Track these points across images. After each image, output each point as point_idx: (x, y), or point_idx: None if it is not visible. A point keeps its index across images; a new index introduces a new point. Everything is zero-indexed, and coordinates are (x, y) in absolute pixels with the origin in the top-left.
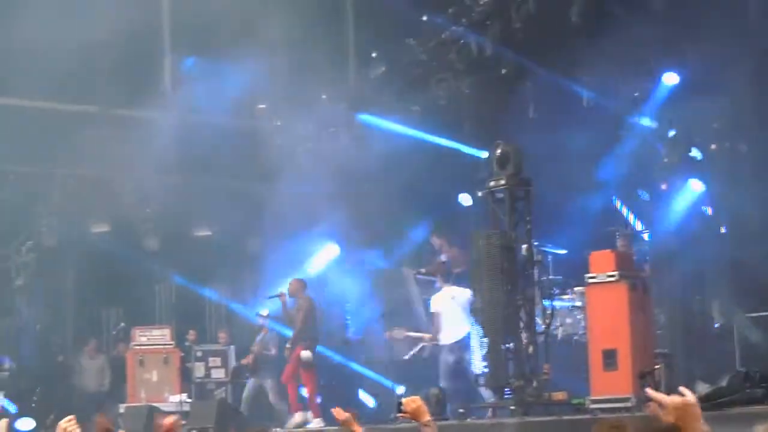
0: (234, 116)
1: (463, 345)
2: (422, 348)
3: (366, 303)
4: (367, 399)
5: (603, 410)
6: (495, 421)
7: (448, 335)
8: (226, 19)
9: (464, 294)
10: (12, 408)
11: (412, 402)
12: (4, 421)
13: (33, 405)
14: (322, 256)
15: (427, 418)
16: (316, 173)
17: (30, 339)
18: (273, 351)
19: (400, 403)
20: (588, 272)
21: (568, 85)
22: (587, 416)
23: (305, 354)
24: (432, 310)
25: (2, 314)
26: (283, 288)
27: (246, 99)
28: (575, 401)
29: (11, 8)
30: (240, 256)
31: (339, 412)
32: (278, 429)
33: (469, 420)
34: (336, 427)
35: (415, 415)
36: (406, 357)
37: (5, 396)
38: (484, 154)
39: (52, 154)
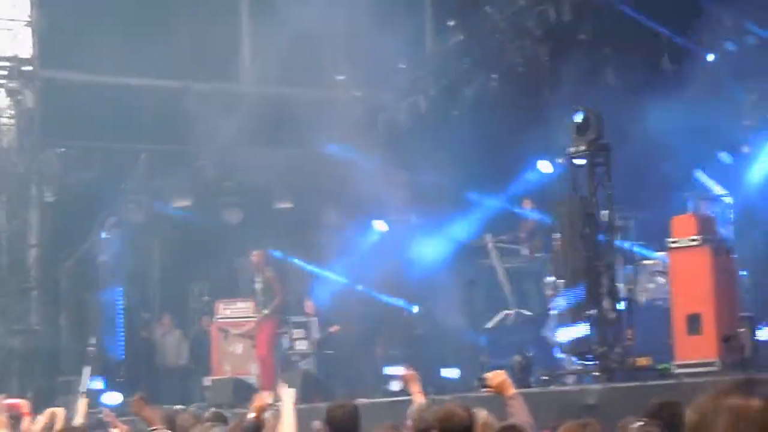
0: (313, 87)
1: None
2: (505, 316)
3: (448, 272)
4: (451, 372)
5: (688, 375)
6: (579, 387)
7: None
8: None
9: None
10: (100, 384)
11: (497, 376)
12: (84, 402)
13: (119, 380)
14: (401, 226)
15: (513, 391)
16: (394, 143)
17: (115, 315)
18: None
19: (484, 378)
20: (670, 237)
21: (648, 50)
22: (672, 381)
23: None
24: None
25: (87, 290)
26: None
27: (325, 70)
28: (660, 366)
29: None
30: (320, 228)
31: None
32: (363, 399)
33: (552, 387)
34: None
35: (500, 389)
36: (489, 325)
37: (92, 373)
38: (564, 121)
39: (136, 131)
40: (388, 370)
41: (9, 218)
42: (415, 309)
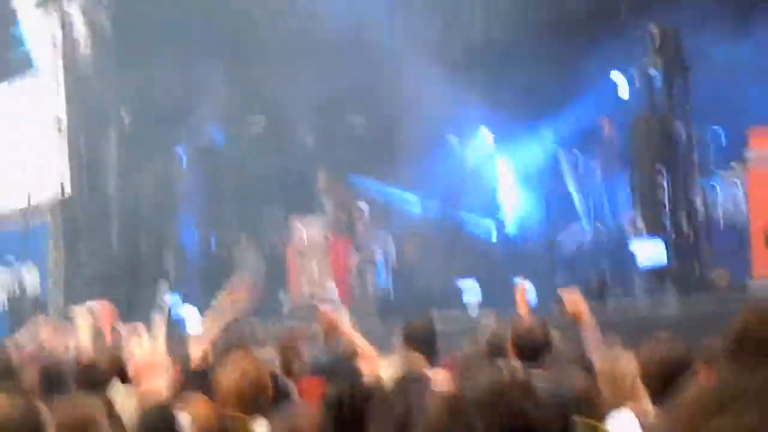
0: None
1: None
2: (580, 231)
3: (522, 188)
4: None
5: (766, 290)
6: (656, 302)
7: None
8: None
9: None
10: (177, 300)
11: (575, 304)
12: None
13: (198, 300)
14: (479, 145)
15: (588, 320)
16: (466, 57)
17: (191, 235)
18: None
19: (560, 300)
20: (747, 150)
21: None
22: (749, 297)
23: None
24: None
25: (167, 212)
26: None
27: None
28: (737, 284)
29: None
30: (393, 145)
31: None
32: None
33: (628, 303)
34: None
35: (576, 317)
36: (560, 238)
37: (169, 289)
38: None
39: (215, 49)
40: (462, 284)
41: (88, 141)
42: (493, 235)
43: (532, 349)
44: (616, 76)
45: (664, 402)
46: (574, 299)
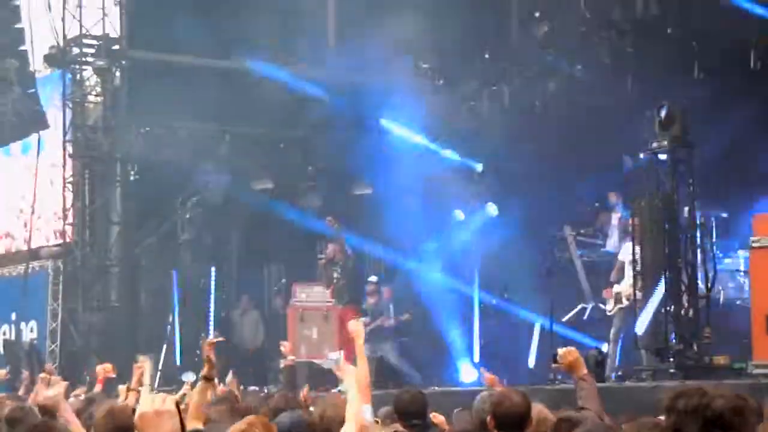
0: (396, 74)
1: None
2: (582, 309)
3: (525, 263)
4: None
5: (765, 375)
6: (655, 384)
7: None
8: None
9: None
10: (176, 361)
11: (569, 354)
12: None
13: (196, 359)
14: (480, 216)
15: (584, 371)
16: (474, 131)
17: (193, 293)
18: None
19: (556, 354)
20: (752, 235)
21: (736, 47)
22: (749, 381)
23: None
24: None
25: (167, 268)
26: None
27: (409, 57)
28: (737, 366)
29: None
30: (399, 215)
31: (487, 376)
32: (435, 387)
33: (628, 382)
34: None
35: (571, 368)
36: (566, 318)
37: (168, 351)
38: (648, 115)
39: (220, 112)
40: (462, 365)
41: (92, 196)
42: (493, 300)
43: (512, 422)
44: (624, 155)
45: None
46: (568, 351)
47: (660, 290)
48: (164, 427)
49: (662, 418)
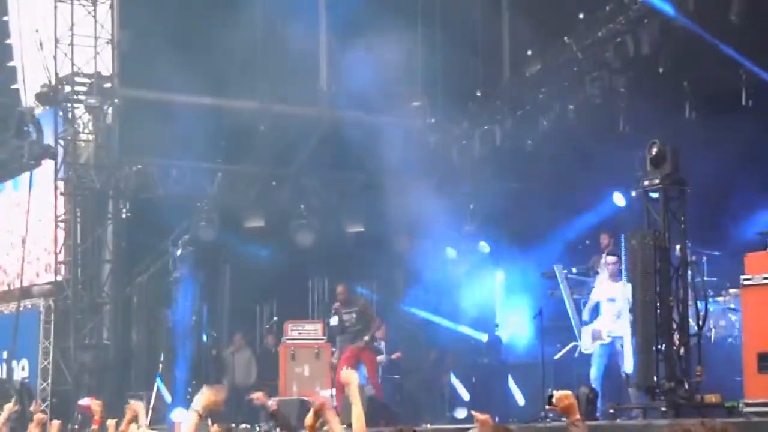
0: (389, 114)
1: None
2: (573, 347)
3: (517, 302)
4: (518, 396)
5: (757, 414)
6: (646, 422)
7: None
8: (380, 16)
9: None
10: (167, 397)
11: (565, 398)
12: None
13: (188, 397)
14: (471, 257)
15: (577, 416)
16: (466, 170)
17: (185, 331)
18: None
19: (551, 396)
20: (743, 274)
21: (727, 85)
22: (741, 419)
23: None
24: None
25: (159, 306)
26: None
27: (401, 96)
28: (728, 404)
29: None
30: (391, 254)
31: (477, 415)
32: (428, 425)
33: (619, 420)
34: None
35: (565, 412)
36: (556, 357)
37: (161, 390)
38: (639, 154)
39: (212, 150)
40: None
41: (84, 233)
42: (484, 337)
43: None
44: (616, 193)
45: None
46: (565, 395)
47: (648, 329)
48: None
49: None
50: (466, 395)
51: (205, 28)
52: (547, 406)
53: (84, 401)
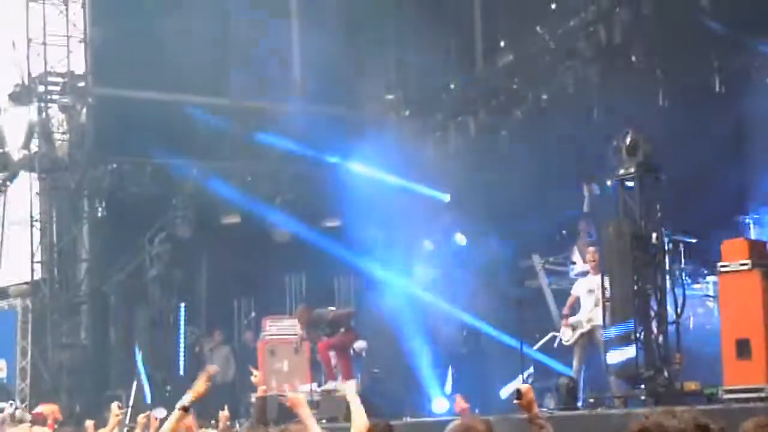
0: (360, 107)
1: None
2: (552, 338)
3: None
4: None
5: (736, 400)
6: (626, 411)
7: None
8: (353, 8)
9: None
10: (147, 395)
11: (529, 392)
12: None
13: (167, 394)
14: (448, 246)
15: (535, 411)
16: (441, 163)
17: (163, 329)
18: None
19: (519, 390)
20: (720, 261)
21: (699, 72)
22: (720, 406)
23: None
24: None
25: (137, 304)
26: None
27: (375, 89)
28: (708, 391)
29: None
30: (367, 247)
31: (459, 402)
32: (407, 418)
33: (599, 410)
34: None
35: (528, 407)
36: (536, 347)
37: (139, 387)
38: (613, 142)
39: (187, 146)
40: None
41: (60, 233)
42: (464, 331)
43: None
44: (589, 180)
45: None
46: (527, 389)
47: (626, 318)
48: None
49: None
50: (448, 388)
51: (178, 25)
52: (515, 401)
53: (37, 409)
